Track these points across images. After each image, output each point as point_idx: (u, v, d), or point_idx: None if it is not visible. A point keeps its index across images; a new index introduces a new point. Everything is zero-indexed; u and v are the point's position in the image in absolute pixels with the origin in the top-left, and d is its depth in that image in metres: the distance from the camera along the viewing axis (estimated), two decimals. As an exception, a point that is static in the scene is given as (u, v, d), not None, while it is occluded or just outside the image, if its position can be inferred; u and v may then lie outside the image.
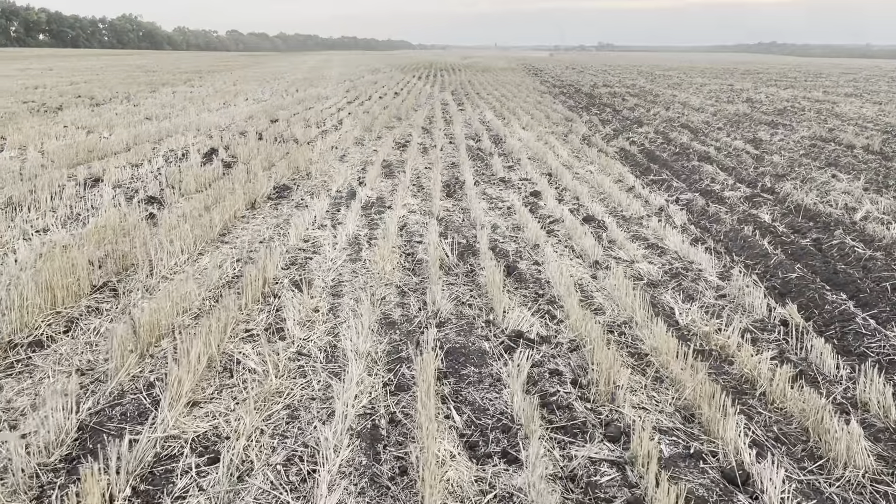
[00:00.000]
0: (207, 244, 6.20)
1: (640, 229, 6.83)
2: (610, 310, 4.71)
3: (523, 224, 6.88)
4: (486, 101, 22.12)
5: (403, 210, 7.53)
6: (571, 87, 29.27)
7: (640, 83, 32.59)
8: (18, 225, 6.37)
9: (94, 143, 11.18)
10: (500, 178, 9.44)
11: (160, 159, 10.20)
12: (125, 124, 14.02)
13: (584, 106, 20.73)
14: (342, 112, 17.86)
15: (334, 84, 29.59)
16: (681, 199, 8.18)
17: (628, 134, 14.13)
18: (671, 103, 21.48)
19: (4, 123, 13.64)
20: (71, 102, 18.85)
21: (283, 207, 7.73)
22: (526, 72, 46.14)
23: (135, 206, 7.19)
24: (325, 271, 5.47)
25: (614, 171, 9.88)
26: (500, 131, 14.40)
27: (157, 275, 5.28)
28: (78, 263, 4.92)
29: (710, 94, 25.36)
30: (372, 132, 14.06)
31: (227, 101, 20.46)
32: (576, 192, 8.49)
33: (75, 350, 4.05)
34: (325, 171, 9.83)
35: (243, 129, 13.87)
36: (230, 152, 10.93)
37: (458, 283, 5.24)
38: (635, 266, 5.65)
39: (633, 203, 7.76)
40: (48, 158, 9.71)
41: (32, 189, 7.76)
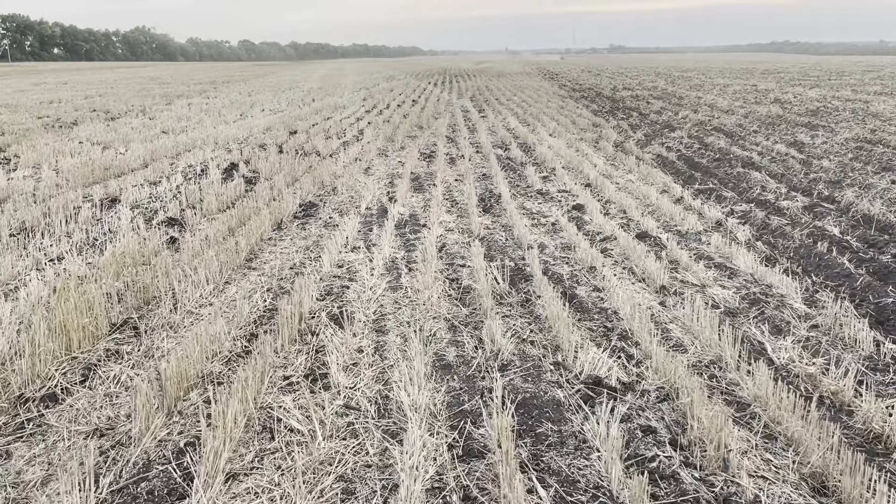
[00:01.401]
0: (234, 271, 5.72)
1: (702, 247, 6.27)
2: (692, 347, 4.17)
3: (573, 243, 6.34)
4: (508, 108, 21.60)
5: (440, 229, 7.02)
6: (592, 91, 28.69)
7: (661, 85, 31.95)
8: (32, 253, 5.93)
9: (109, 159, 10.78)
10: (538, 191, 8.91)
11: (179, 176, 9.77)
12: (141, 139, 13.64)
13: (609, 110, 20.16)
14: (362, 122, 17.41)
15: (350, 92, 29.20)
16: (736, 210, 7.61)
17: (662, 139, 13.55)
18: (698, 105, 20.85)
19: (19, 140, 13.31)
20: (86, 117, 18.54)
21: (311, 227, 7.25)
22: (542, 76, 45.60)
23: (154, 229, 6.73)
24: (364, 302, 4.96)
25: (657, 181, 9.32)
26: (527, 139, 13.88)
27: (181, 309, 4.80)
28: (95, 300, 4.45)
29: (736, 95, 24.68)
30: (395, 142, 13.59)
31: (244, 113, 20.10)
32: (621, 205, 7.94)
33: (93, 404, 3.57)
34: (351, 185, 9.36)
35: (262, 141, 13.45)
36: (251, 167, 10.49)
37: (513, 315, 4.71)
38: (707, 291, 5.10)
39: (687, 216, 7.20)
40: (63, 177, 9.30)
41: (46, 212, 7.34)
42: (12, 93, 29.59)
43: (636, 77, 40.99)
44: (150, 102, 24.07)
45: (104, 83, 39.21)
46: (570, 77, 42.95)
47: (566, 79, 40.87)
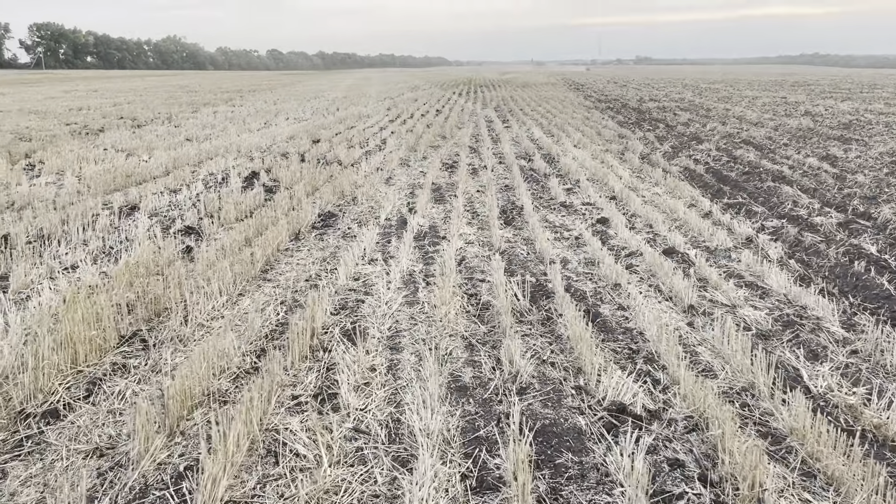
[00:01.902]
0: (248, 282, 5.60)
1: (732, 264, 6.02)
2: (722, 372, 3.94)
3: (597, 258, 6.13)
4: (532, 118, 21.42)
5: (460, 241, 6.85)
6: (617, 102, 28.40)
7: (688, 97, 31.56)
8: (47, 261, 5.86)
9: (132, 167, 10.78)
10: (561, 203, 8.71)
11: (199, 184, 9.73)
12: (165, 146, 13.67)
13: (635, 122, 19.88)
14: (385, 131, 17.34)
15: (375, 102, 29.22)
16: (767, 226, 7.35)
17: (689, 151, 13.27)
18: (726, 118, 20.50)
19: (45, 146, 13.40)
20: (113, 124, 18.69)
21: (328, 238, 7.12)
22: (567, 87, 45.35)
23: (171, 238, 6.64)
24: (379, 317, 4.80)
25: (684, 194, 9.07)
26: (551, 150, 13.67)
27: (192, 322, 4.67)
28: (104, 311, 4.34)
29: (765, 108, 24.26)
30: (417, 152, 13.47)
31: (268, 121, 20.14)
32: (647, 219, 7.71)
33: (95, 421, 3.44)
34: (371, 195, 9.23)
35: (285, 150, 13.41)
36: (272, 176, 10.42)
37: (534, 334, 4.52)
38: (738, 312, 4.86)
39: (716, 232, 6.96)
40: (85, 184, 9.30)
41: (65, 219, 7.30)
42: (43, 99, 30.05)
43: (663, 88, 40.59)
44: (177, 110, 24.26)
45: (133, 91, 39.73)
46: (595, 88, 42.66)
47: (592, 90, 40.59)
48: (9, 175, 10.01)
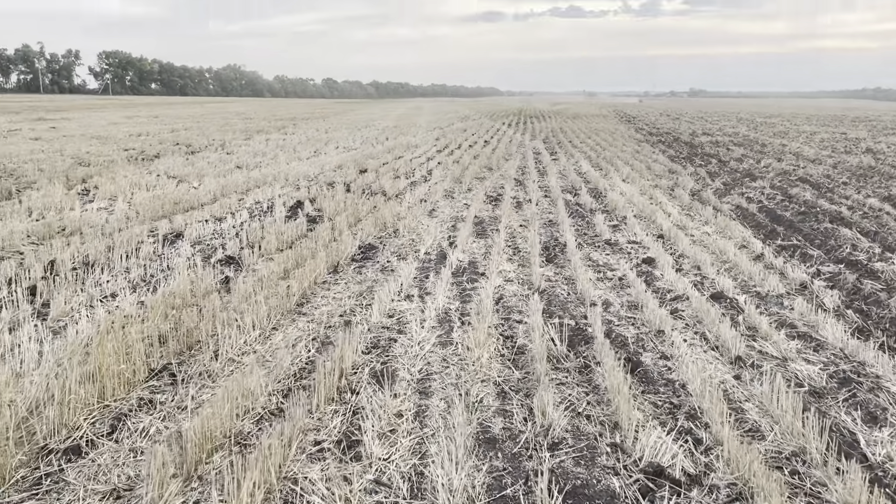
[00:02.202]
0: (283, 316, 5.55)
1: (784, 312, 5.73)
2: (770, 433, 3.68)
3: (640, 301, 5.91)
4: (581, 150, 21.22)
5: (499, 279, 6.70)
6: (669, 136, 27.98)
7: (743, 131, 30.92)
8: (88, 289, 5.93)
9: (181, 194, 10.98)
10: (606, 241, 8.49)
11: (245, 212, 9.83)
12: (216, 174, 13.93)
13: (686, 156, 19.50)
14: (431, 161, 17.37)
15: (424, 132, 29.43)
16: (823, 271, 7.00)
17: (741, 188, 12.89)
18: (782, 154, 19.95)
19: (101, 172, 13.80)
20: (168, 150, 19.20)
21: (367, 271, 7.05)
22: (618, 118, 45.00)
23: (210, 268, 6.67)
24: (410, 358, 4.68)
25: (735, 234, 8.75)
26: (598, 184, 13.46)
27: (222, 356, 4.63)
28: (135, 344, 4.33)
29: (824, 144, 23.56)
30: (462, 184, 13.41)
31: (318, 150, 20.42)
32: (695, 260, 7.44)
33: (116, 460, 3.38)
34: (413, 227, 9.17)
35: (331, 179, 13.51)
36: (316, 205, 10.47)
37: (570, 383, 4.33)
38: (789, 366, 4.58)
39: (768, 276, 6.65)
40: (134, 210, 9.49)
41: (110, 246, 7.41)
42: (106, 125, 31.16)
43: (716, 122, 39.92)
44: (231, 137, 24.83)
45: (192, 117, 40.95)
46: (647, 120, 42.21)
47: (643, 122, 40.17)
48: (64, 200, 10.30)
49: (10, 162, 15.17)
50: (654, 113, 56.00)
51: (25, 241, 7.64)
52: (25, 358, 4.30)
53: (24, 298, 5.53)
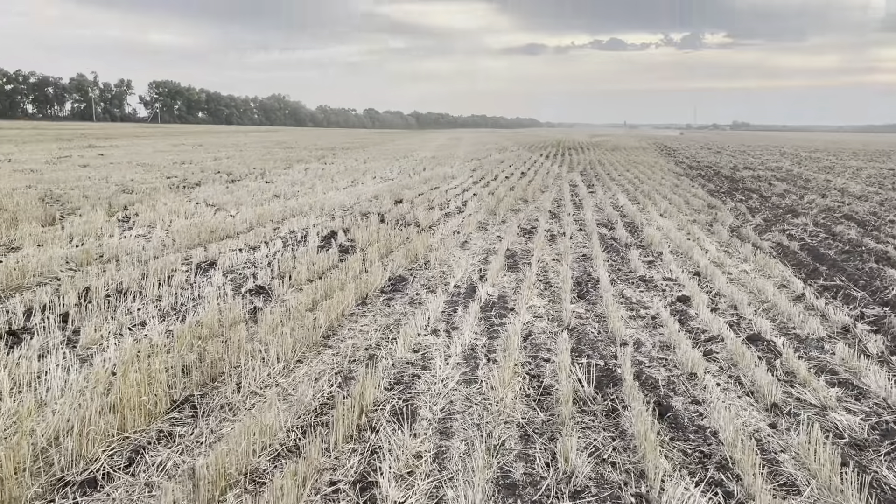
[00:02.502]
0: (308, 348, 5.52)
1: (825, 357, 5.50)
2: (807, 488, 3.49)
3: (673, 342, 5.74)
4: (618, 183, 21.03)
5: (528, 314, 6.60)
6: (710, 170, 27.60)
7: (786, 166, 30.37)
8: (119, 317, 5.99)
9: (218, 222, 11.14)
10: (640, 277, 8.32)
11: (278, 242, 9.91)
12: (253, 202, 14.14)
13: (727, 191, 19.16)
14: (467, 193, 17.38)
15: (461, 163, 29.55)
16: (867, 314, 6.73)
17: (783, 225, 12.58)
18: (826, 189, 19.48)
19: (143, 199, 14.12)
20: (209, 178, 19.59)
21: (395, 304, 7.01)
22: (658, 151, 44.64)
23: (240, 297, 6.70)
24: (433, 396, 4.59)
25: (775, 273, 8.50)
26: (635, 218, 13.28)
27: (245, 389, 4.60)
28: (158, 375, 4.34)
29: (871, 180, 22.98)
30: (496, 216, 13.37)
31: (356, 179, 20.62)
32: (732, 300, 7.23)
33: (131, 495, 3.36)
34: (444, 259, 9.13)
35: (366, 209, 13.59)
36: (349, 236, 10.52)
37: (595, 427, 4.19)
38: (829, 416, 4.37)
39: (808, 318, 6.42)
40: (171, 238, 9.64)
41: (144, 273, 7.52)
42: (152, 153, 32.02)
43: (759, 156, 39.31)
44: (271, 166, 25.26)
45: (235, 146, 41.87)
46: (687, 154, 41.79)
47: (683, 155, 39.77)
48: (105, 226, 10.53)
49: (57, 188, 15.64)
50: (695, 146, 55.46)
51: (63, 267, 7.80)
52: (51, 386, 4.34)
53: (56, 325, 5.62)
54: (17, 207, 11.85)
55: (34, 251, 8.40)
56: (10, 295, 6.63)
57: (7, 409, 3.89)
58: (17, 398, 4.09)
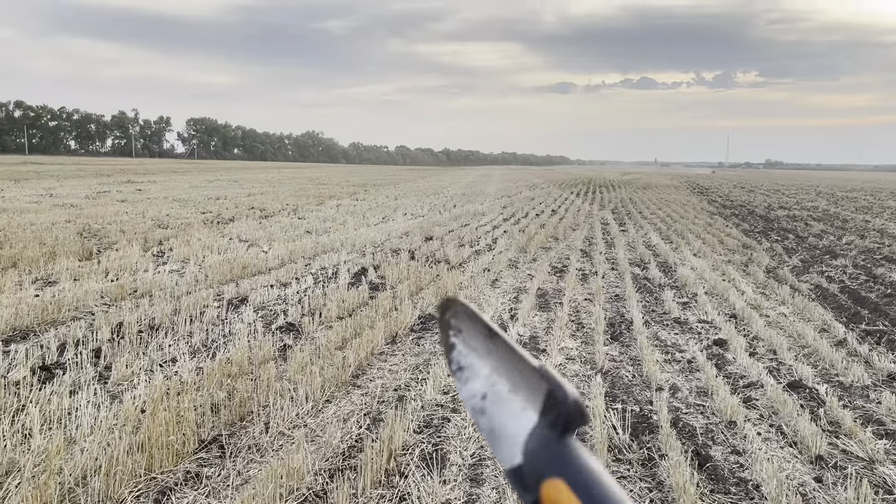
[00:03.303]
0: (337, 388, 5.47)
1: (870, 406, 5.29)
2: (857, 549, 3.32)
3: (711, 387, 5.57)
4: (650, 222, 20.84)
5: (560, 356, 6.48)
6: (743, 209, 27.25)
7: (822, 205, 29.86)
8: (150, 353, 6.02)
9: (250, 258, 11.23)
10: (675, 319, 8.15)
11: (310, 278, 9.94)
12: (285, 238, 14.26)
13: (762, 231, 18.86)
14: (497, 230, 17.35)
15: (491, 200, 29.60)
16: (914, 361, 6.48)
17: (821, 267, 12.29)
18: (865, 230, 19.07)
19: (177, 234, 14.33)
20: (243, 214, 19.86)
21: (425, 343, 6.95)
22: (690, 190, 44.29)
23: (270, 335, 6.70)
24: (463, 441, 4.50)
25: (815, 317, 8.27)
26: (668, 257, 13.09)
27: (273, 430, 4.56)
28: (187, 415, 4.31)
29: (911, 220, 22.45)
30: (527, 253, 13.29)
31: (387, 216, 20.74)
32: (771, 344, 7.03)
33: (156, 537, 3.30)
34: (474, 298, 9.06)
35: (397, 246, 13.62)
36: (380, 273, 10.51)
37: (631, 477, 4.05)
38: (877, 470, 4.17)
39: (851, 365, 6.20)
40: (204, 274, 9.73)
41: (176, 309, 7.57)
42: (188, 188, 32.65)
43: (794, 195, 38.76)
44: (304, 202, 25.56)
45: (268, 182, 42.54)
46: (720, 192, 41.38)
47: (716, 194, 39.38)
48: (140, 261, 10.68)
49: (95, 222, 15.97)
50: (728, 185, 54.94)
51: (98, 301, 7.89)
52: (81, 423, 4.34)
53: (88, 361, 5.65)
54: (56, 242, 12.11)
55: (70, 285, 8.54)
56: (45, 329, 6.71)
57: (37, 445, 3.89)
58: (46, 435, 4.09)
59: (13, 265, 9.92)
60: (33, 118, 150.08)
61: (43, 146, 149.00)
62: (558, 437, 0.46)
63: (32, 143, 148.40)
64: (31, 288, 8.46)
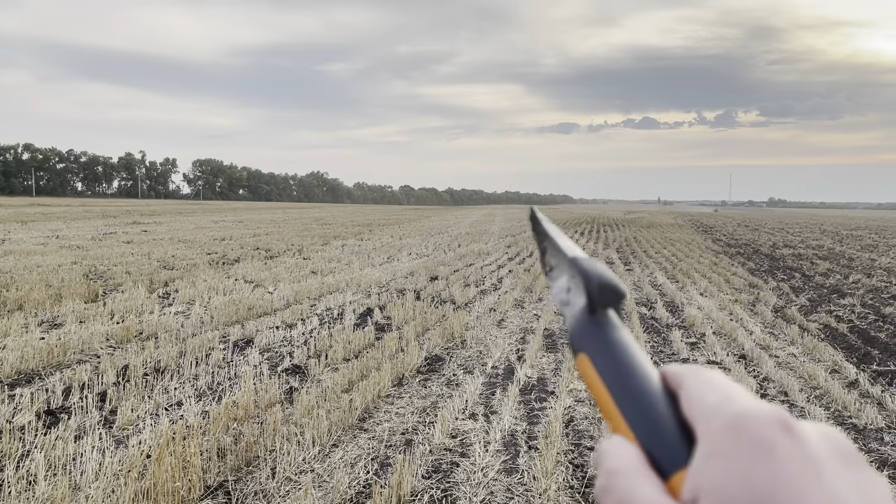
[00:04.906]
0: (344, 431, 5.41)
1: (885, 449, 5.20)
2: None
3: (722, 430, 5.49)
4: (655, 261, 20.82)
5: (569, 399, 6.41)
6: (748, 247, 27.24)
7: (827, 244, 29.83)
8: (156, 397, 5.98)
9: (256, 299, 11.22)
10: (683, 360, 8.08)
11: (315, 319, 9.91)
12: (290, 279, 14.27)
13: (767, 269, 18.82)
14: (502, 269, 17.34)
15: (496, 239, 29.67)
16: (927, 402, 6.40)
17: (829, 306, 12.23)
18: (872, 269, 19.01)
19: (183, 275, 14.35)
20: (248, 254, 19.91)
21: (432, 385, 6.89)
22: (694, 229, 44.35)
23: (276, 377, 6.65)
24: (472, 486, 4.42)
25: (825, 357, 8.19)
26: (675, 297, 13.05)
27: (279, 475, 4.49)
28: (193, 459, 4.26)
29: (917, 258, 22.38)
30: (533, 293, 13.25)
31: (391, 256, 20.77)
32: (782, 385, 6.95)
33: (160, 588, 3.23)
34: (481, 338, 9.01)
35: (402, 286, 13.61)
36: (385, 313, 10.49)
37: (645, 523, 3.96)
38: (897, 515, 4.09)
39: (864, 407, 6.12)
40: (209, 315, 9.71)
41: (182, 351, 7.54)
42: (193, 229, 32.82)
43: (798, 234, 38.77)
44: (309, 242, 25.63)
45: (273, 222, 42.76)
46: (724, 231, 41.42)
47: (721, 233, 39.42)
48: (145, 303, 10.68)
49: (101, 264, 16.02)
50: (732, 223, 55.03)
51: (104, 344, 7.87)
52: (86, 469, 4.29)
53: (94, 405, 5.61)
54: (62, 283, 12.13)
55: (76, 328, 8.53)
56: (50, 373, 6.68)
57: (41, 493, 3.84)
58: (51, 482, 4.04)
59: (19, 307, 9.92)
60: (41, 160, 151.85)
61: (50, 188, 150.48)
62: (589, 315, 0.52)
63: (40, 184, 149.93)
64: (37, 330, 8.45)
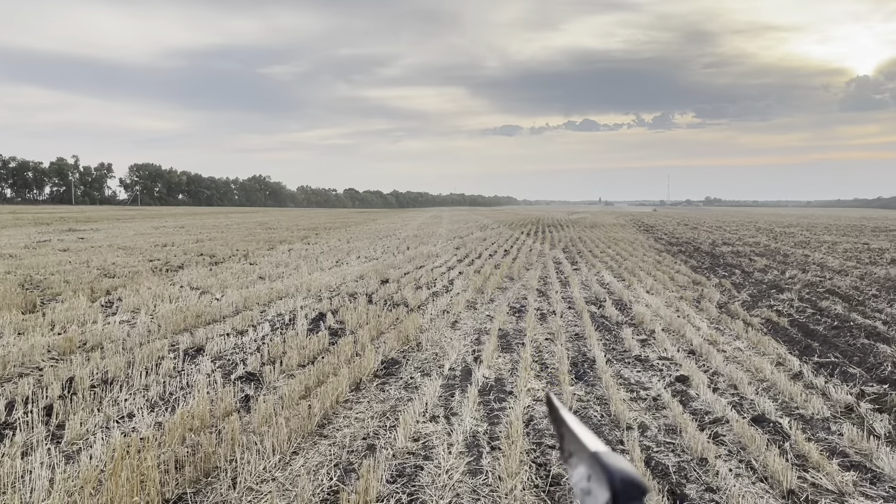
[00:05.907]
0: (304, 439, 5.32)
1: (832, 438, 5.40)
2: (839, 583, 3.34)
3: (679, 425, 5.62)
4: (601, 260, 21.19)
5: (528, 398, 6.45)
6: (689, 245, 27.99)
7: (763, 241, 30.88)
8: (105, 409, 5.76)
9: (203, 306, 10.96)
10: (636, 357, 8.24)
11: (266, 325, 9.74)
12: (238, 285, 13.98)
13: (709, 267, 19.37)
14: (453, 271, 17.38)
15: (444, 241, 29.72)
16: (868, 392, 6.68)
17: (769, 301, 12.65)
18: (806, 264, 19.76)
19: (126, 283, 13.91)
20: (192, 261, 19.43)
21: (390, 389, 6.84)
22: (636, 228, 45.33)
23: (231, 385, 6.50)
24: (438, 489, 4.41)
25: (769, 350, 8.47)
26: (622, 295, 13.30)
27: (240, 485, 4.39)
28: (150, 472, 4.12)
29: (848, 254, 23.37)
30: (484, 294, 13.32)
31: (340, 260, 20.57)
32: (731, 378, 7.16)
33: None
34: (436, 340, 9.00)
35: (353, 290, 13.49)
36: (338, 317, 10.38)
37: (611, 519, 4.02)
38: (847, 502, 4.25)
39: (810, 398, 6.35)
40: (156, 324, 9.43)
41: (131, 361, 7.30)
42: (133, 235, 31.85)
43: (735, 231, 40.03)
44: (254, 247, 25.18)
45: (216, 227, 41.84)
46: (665, 230, 42.46)
47: (662, 231, 40.39)
48: (87, 312, 10.30)
49: (37, 273, 15.39)
50: (672, 222, 56.45)
51: (46, 356, 7.56)
52: (36, 486, 4.10)
53: (40, 419, 5.38)
54: (-3, 293, 11.59)
55: (15, 340, 8.16)
56: (-11, 387, 6.37)
57: (-11, 514, 3.66)
58: (0, 500, 3.84)
59: (-49, 320, 9.44)
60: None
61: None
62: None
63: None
64: (-28, 343, 8.04)
